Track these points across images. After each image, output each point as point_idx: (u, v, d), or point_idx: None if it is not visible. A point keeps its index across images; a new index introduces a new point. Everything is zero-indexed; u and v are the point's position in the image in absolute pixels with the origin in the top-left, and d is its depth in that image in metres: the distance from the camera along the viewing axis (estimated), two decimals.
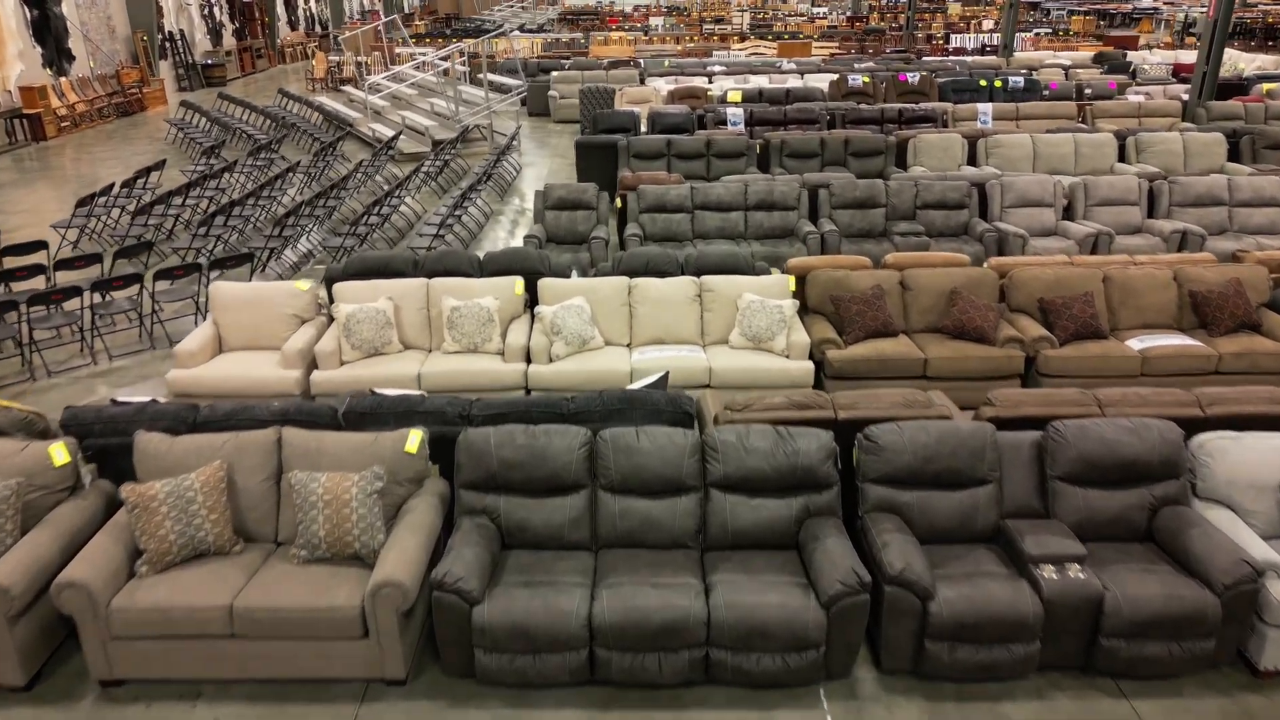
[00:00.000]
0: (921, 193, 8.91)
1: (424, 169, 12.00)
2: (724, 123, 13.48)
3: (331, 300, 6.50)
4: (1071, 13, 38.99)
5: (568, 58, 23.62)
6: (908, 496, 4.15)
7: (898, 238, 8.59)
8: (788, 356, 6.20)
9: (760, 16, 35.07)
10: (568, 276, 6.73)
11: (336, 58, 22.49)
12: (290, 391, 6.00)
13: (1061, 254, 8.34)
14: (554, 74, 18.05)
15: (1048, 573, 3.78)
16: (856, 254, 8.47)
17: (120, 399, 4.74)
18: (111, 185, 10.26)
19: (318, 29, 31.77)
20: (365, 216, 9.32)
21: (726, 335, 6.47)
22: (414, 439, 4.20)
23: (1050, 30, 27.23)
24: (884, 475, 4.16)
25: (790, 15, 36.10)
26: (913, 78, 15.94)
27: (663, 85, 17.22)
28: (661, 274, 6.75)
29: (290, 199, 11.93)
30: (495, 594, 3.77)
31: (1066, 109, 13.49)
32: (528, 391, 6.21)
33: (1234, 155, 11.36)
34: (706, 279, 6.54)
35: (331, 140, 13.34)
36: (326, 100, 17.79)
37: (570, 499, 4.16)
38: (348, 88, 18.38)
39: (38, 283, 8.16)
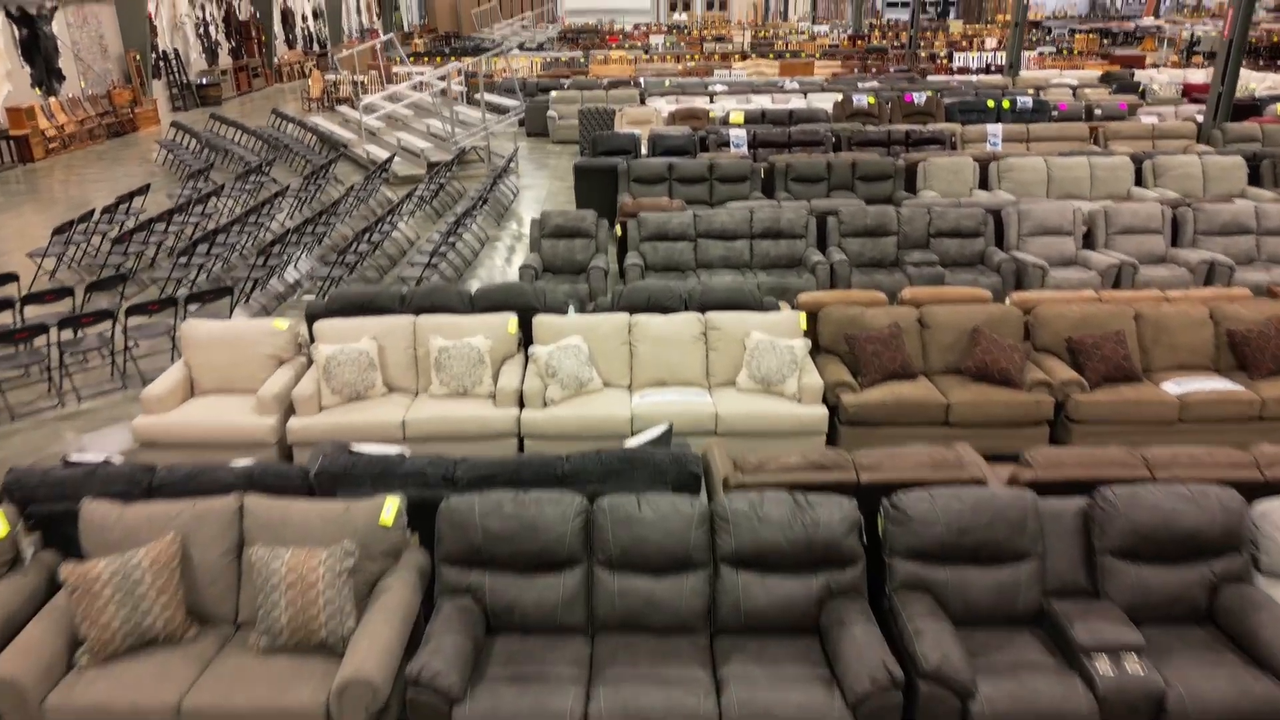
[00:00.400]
0: (935, 220, 8.52)
1: (418, 193, 11.64)
2: (727, 145, 13.13)
3: (312, 339, 6.09)
4: (1074, 31, 38.84)
5: (567, 77, 23.34)
6: (941, 573, 3.73)
7: (911, 268, 8.19)
8: (799, 401, 5.78)
9: (761, 35, 34.89)
10: (564, 313, 6.33)
11: (333, 77, 22.21)
12: (265, 440, 5.58)
13: (1083, 285, 7.95)
14: (553, 94, 17.73)
15: (1102, 666, 3.35)
16: (868, 284, 8.07)
17: (73, 459, 4.32)
18: (91, 211, 9.87)
19: (316, 48, 31.56)
20: (354, 244, 8.93)
21: (733, 376, 6.06)
22: (390, 509, 3.78)
23: (1055, 49, 26.97)
24: (913, 549, 3.74)
25: (791, 34, 35.93)
26: (919, 98, 15.61)
27: (663, 106, 16.90)
28: (664, 310, 6.34)
29: (279, 224, 11.55)
30: (479, 691, 3.34)
31: (1078, 130, 13.14)
32: (520, 440, 5.79)
33: (1254, 179, 10.99)
34: (711, 316, 6.14)
35: (324, 163, 12.98)
36: (321, 121, 17.47)
37: (563, 576, 3.73)
38: (343, 108, 18.06)
39: (5, 318, 7.76)
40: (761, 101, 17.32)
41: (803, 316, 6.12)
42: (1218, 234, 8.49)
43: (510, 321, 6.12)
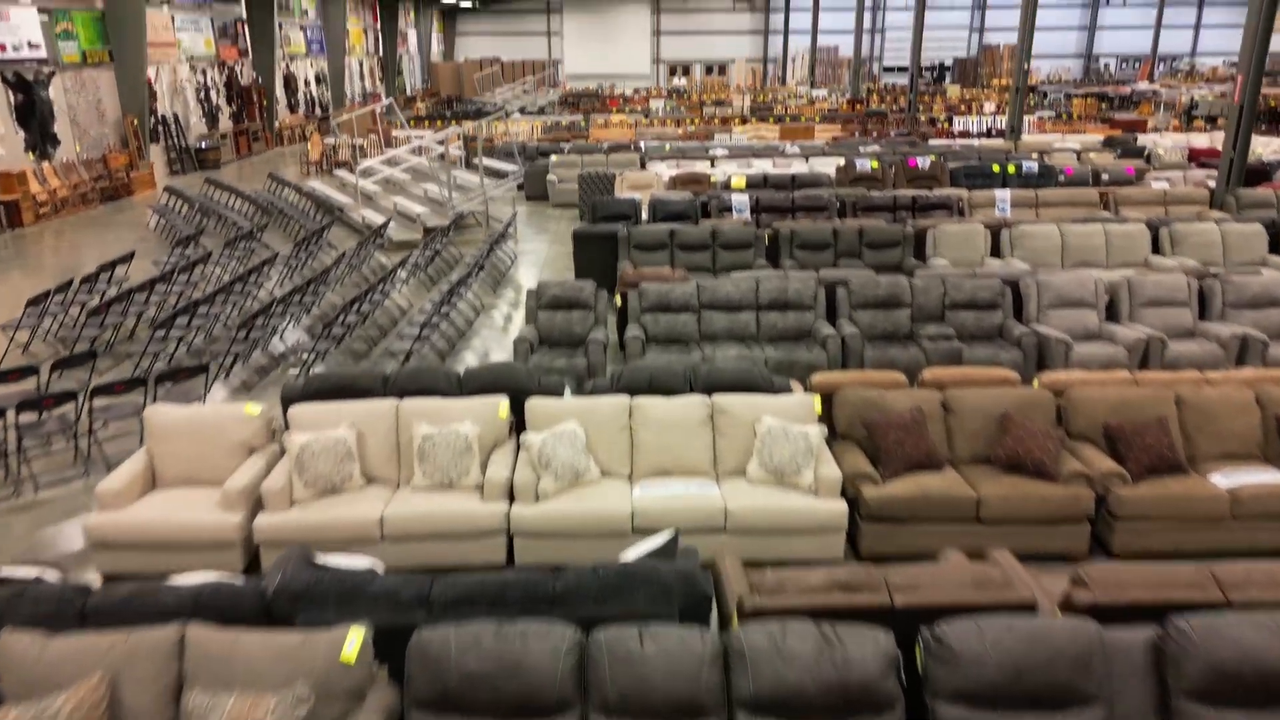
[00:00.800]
0: (950, 292, 8.12)
1: (413, 259, 11.29)
2: (729, 210, 12.84)
3: (287, 425, 5.62)
4: (1070, 96, 39.20)
5: (567, 140, 23.31)
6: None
7: (927, 342, 7.76)
8: (816, 494, 5.29)
9: (760, 99, 35.16)
10: (560, 395, 5.87)
11: (332, 141, 22.15)
12: (229, 540, 5.08)
13: (1110, 361, 7.52)
14: (553, 158, 17.57)
15: None
16: (882, 360, 7.64)
17: (2, 574, 3.83)
18: (70, 281, 9.50)
19: (318, 111, 31.75)
20: (343, 315, 8.52)
21: (743, 465, 5.58)
22: (353, 642, 3.28)
23: (1054, 114, 27.05)
24: (960, 691, 3.22)
25: (790, 98, 36.22)
26: (923, 163, 15.40)
27: (664, 170, 16.71)
28: (667, 391, 5.88)
29: (268, 293, 11.18)
30: None
31: (1088, 196, 12.86)
32: (510, 538, 5.29)
33: (1273, 247, 10.65)
34: (719, 399, 5.68)
35: (317, 228, 12.68)
36: (319, 185, 17.27)
37: None
38: (341, 172, 17.89)
39: None
40: (763, 165, 17.14)
41: (817, 400, 5.66)
42: (1247, 307, 8.08)
43: (501, 405, 5.67)
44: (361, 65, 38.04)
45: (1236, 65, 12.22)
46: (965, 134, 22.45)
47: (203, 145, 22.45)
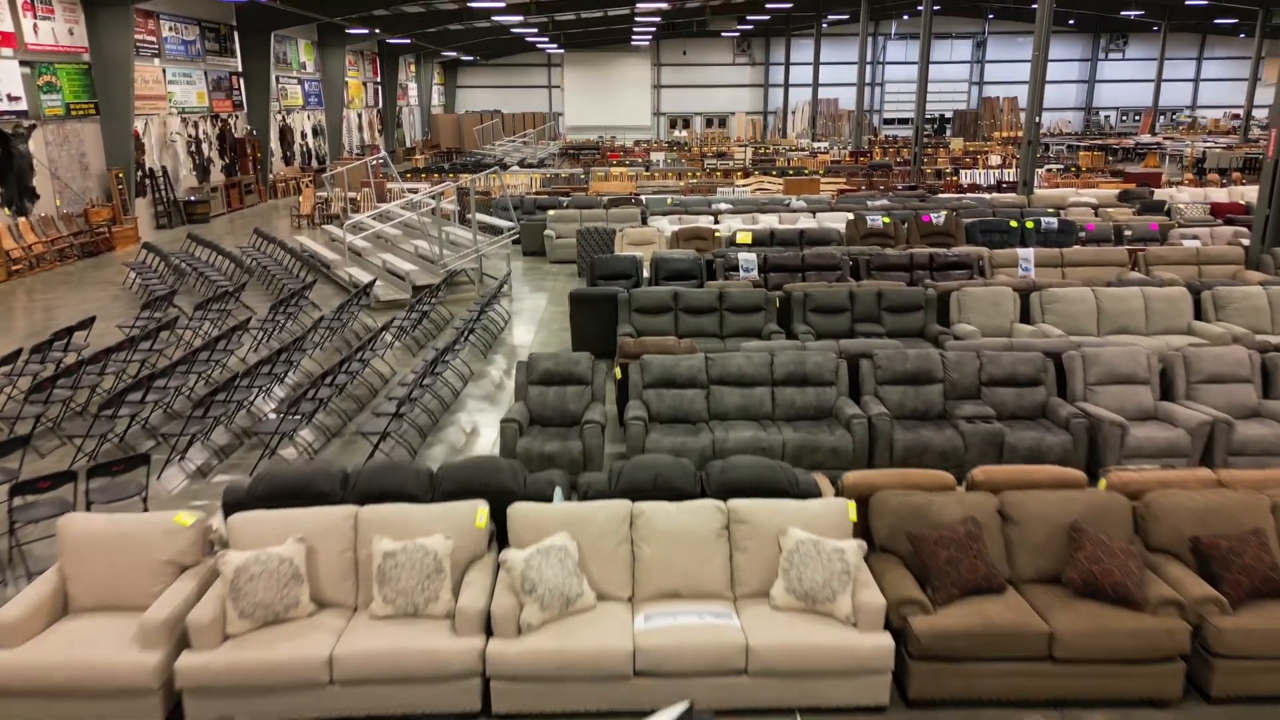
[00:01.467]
0: (986, 366, 7.31)
1: (399, 321, 10.51)
2: (735, 269, 12.11)
3: (227, 538, 4.76)
4: (1075, 148, 38.93)
5: (566, 194, 22.75)
6: None
7: (964, 423, 6.93)
8: (854, 625, 4.42)
9: (762, 151, 34.83)
10: (549, 498, 5.02)
11: (325, 194, 21.59)
12: (145, 686, 4.19)
13: (1171, 448, 6.68)
14: (550, 213, 16.93)
15: None
16: (914, 443, 6.80)
17: None
18: (18, 351, 8.70)
19: (315, 164, 31.35)
20: (314, 389, 7.70)
21: (766, 586, 4.70)
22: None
23: (1062, 167, 26.58)
24: None
25: (791, 150, 35.92)
26: (937, 218, 14.74)
27: (666, 225, 16.04)
28: (674, 494, 5.03)
29: (241, 359, 10.38)
30: None
31: (1115, 255, 12.14)
32: (486, 681, 4.40)
33: None
34: (736, 505, 4.83)
35: (299, 288, 11.93)
36: (307, 240, 16.60)
37: None
38: (331, 226, 17.24)
39: None
40: (769, 221, 16.49)
41: (851, 507, 4.81)
42: None
43: (479, 513, 4.81)
44: (361, 117, 37.83)
45: (1239, 117, 11.58)
46: (974, 187, 21.88)
47: (191, 199, 21.86)
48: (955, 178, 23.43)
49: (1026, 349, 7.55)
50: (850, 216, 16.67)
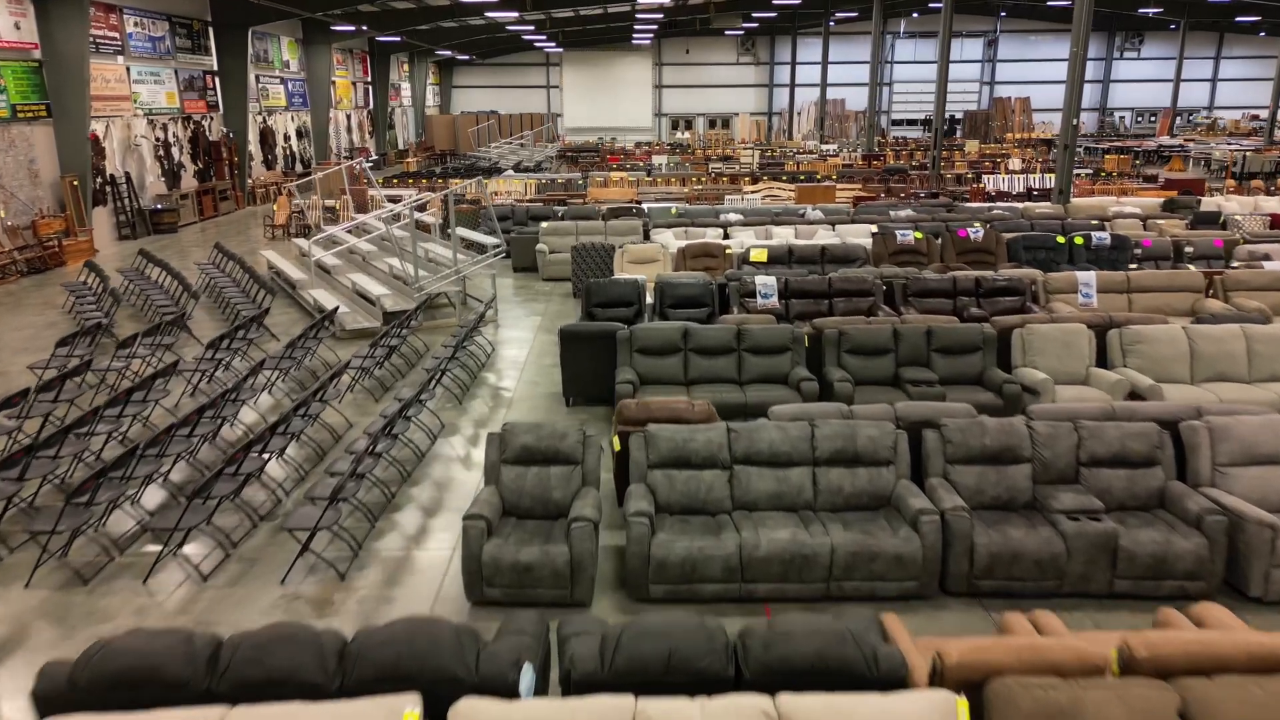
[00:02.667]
0: (1086, 441, 5.73)
1: (359, 363, 8.94)
2: (752, 294, 10.52)
3: None
4: (1090, 150, 37.33)
5: (563, 202, 21.18)
6: None
7: (1065, 521, 5.34)
8: None
9: (769, 154, 33.24)
10: (512, 687, 3.44)
11: (303, 202, 20.01)
12: None
13: None
14: (544, 225, 15.34)
15: None
16: (1001, 547, 5.22)
17: None
18: None
19: (299, 168, 29.77)
20: (237, 464, 6.12)
21: None
22: None
23: (1091, 172, 24.99)
24: None
25: (799, 153, 34.32)
26: (974, 233, 13.15)
27: (671, 240, 14.46)
28: (696, 679, 3.45)
29: (168, 410, 8.80)
30: None
31: (1189, 280, 10.54)
32: None
33: None
34: (791, 708, 3.24)
35: (253, 315, 10.36)
36: (274, 255, 15.02)
37: None
38: (301, 240, 15.66)
39: None
40: (784, 234, 14.91)
41: (962, 707, 3.22)
42: None
43: (408, 714, 3.23)
44: (350, 118, 36.25)
45: (1258, 118, 10.00)
46: (1003, 195, 20.29)
47: (158, 207, 20.28)
48: (980, 184, 21.85)
49: (1133, 416, 5.96)
50: (874, 229, 15.11)
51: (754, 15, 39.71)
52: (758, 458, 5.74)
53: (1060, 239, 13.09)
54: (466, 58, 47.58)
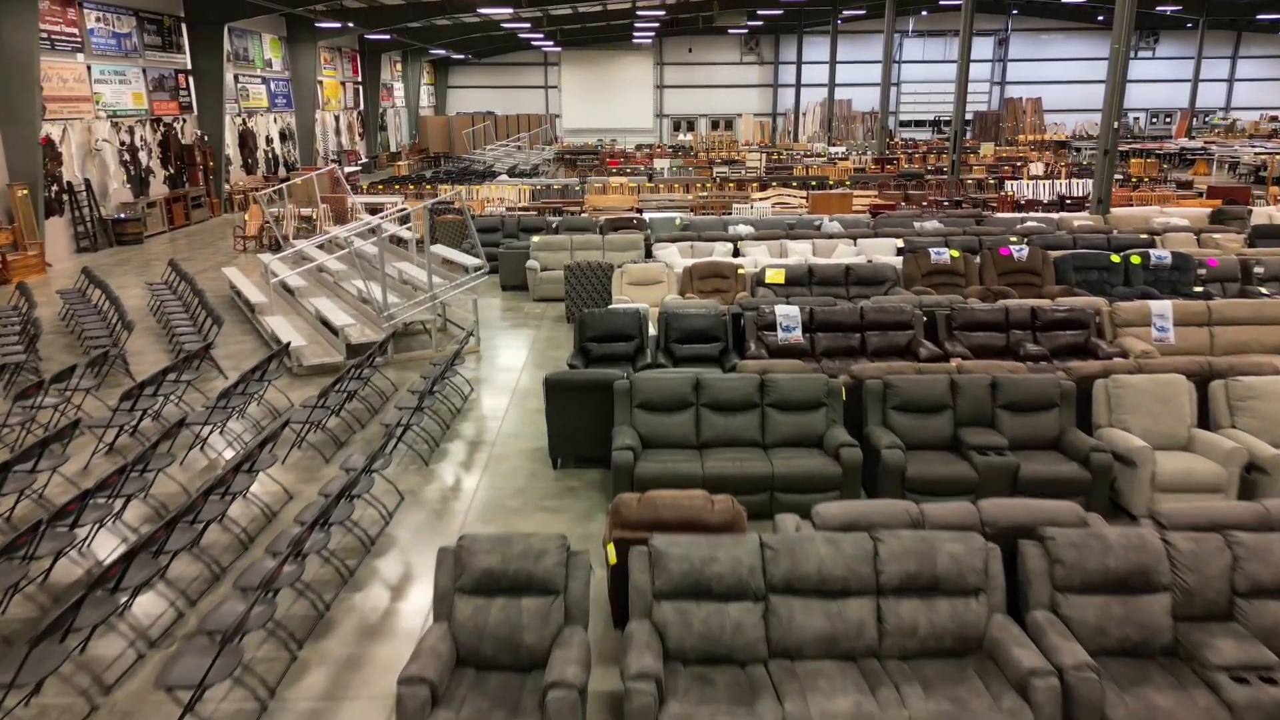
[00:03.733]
0: (1243, 564, 4.25)
1: (309, 412, 7.46)
2: (772, 328, 9.06)
3: None
4: (1108, 152, 35.80)
5: (558, 210, 19.72)
6: None
7: (1233, 687, 3.86)
8: None
9: (775, 157, 31.76)
10: None
11: (278, 211, 18.54)
12: None
13: None
14: (535, 239, 13.86)
15: None
16: (1141, 714, 3.73)
17: None
18: None
19: (283, 172, 28.27)
20: (122, 572, 4.65)
21: None
22: None
23: (1120, 178, 23.49)
24: None
25: (807, 156, 32.85)
26: (1019, 251, 11.67)
27: (676, 257, 13.00)
28: None
29: (78, 470, 7.33)
30: None
31: (1277, 309, 9.08)
32: None
33: None
34: None
35: (195, 350, 8.91)
36: (236, 274, 13.53)
37: None
38: (265, 255, 14.20)
39: None
40: (801, 250, 13.43)
41: None
42: None
43: None
44: (339, 120, 34.78)
45: (1277, 119, 8.52)
46: (1033, 204, 18.79)
47: (122, 216, 18.81)
48: (1009, 193, 20.35)
49: None
50: (898, 243, 13.65)
51: (759, 13, 38.22)
52: (803, 584, 4.27)
53: (1114, 257, 11.62)
54: (462, 57, 46.13)
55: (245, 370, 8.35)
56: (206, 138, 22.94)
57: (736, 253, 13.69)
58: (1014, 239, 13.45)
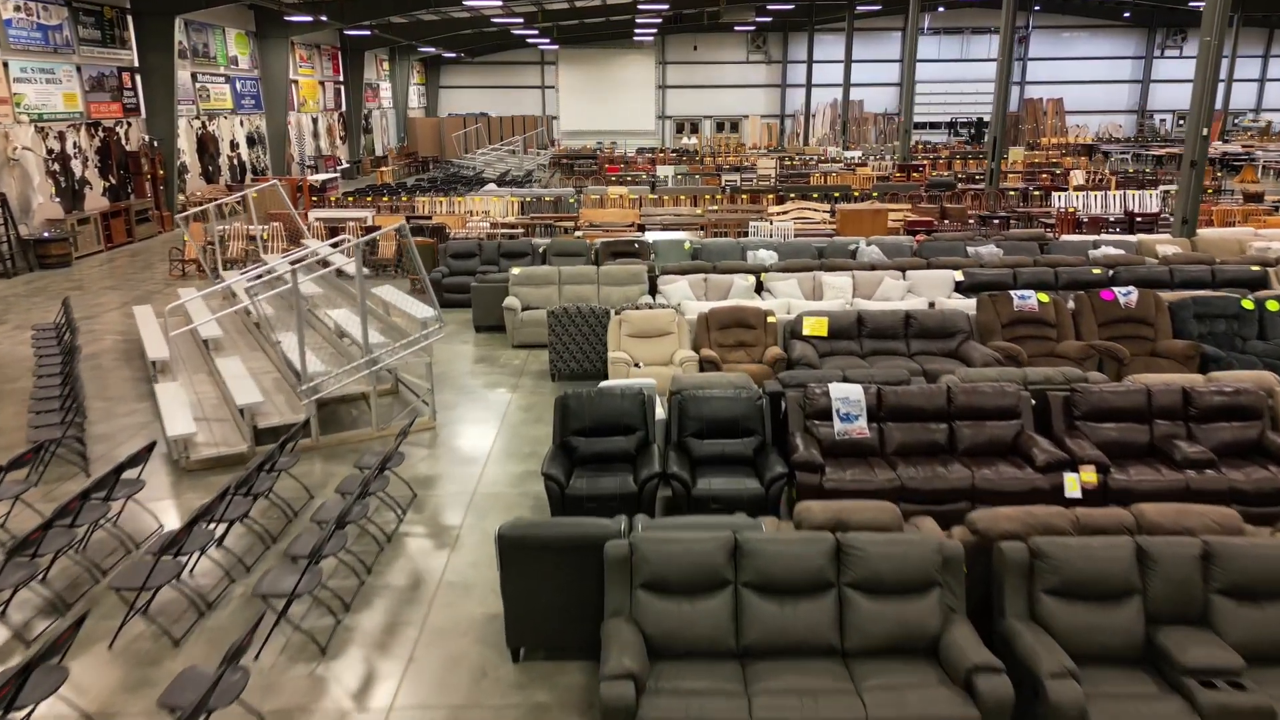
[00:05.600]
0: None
1: (157, 557, 4.98)
2: (825, 415, 6.59)
3: None
4: (1139, 156, 33.32)
5: (550, 227, 17.25)
6: None
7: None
8: None
9: (789, 163, 29.26)
10: None
11: (225, 228, 16.06)
12: None
13: None
14: (514, 272, 11.36)
15: None
16: None
17: None
18: None
19: (249, 178, 25.78)
20: None
21: None
22: None
23: (1173, 187, 20.93)
24: None
25: (821, 161, 30.35)
26: (1126, 296, 9.18)
27: (686, 293, 10.53)
28: None
29: None
30: None
31: None
32: None
33: None
34: None
35: (37, 445, 6.43)
36: (146, 317, 11.02)
37: None
38: (188, 292, 11.69)
39: None
40: (839, 286, 10.93)
41: None
42: None
43: None
44: (317, 122, 32.29)
45: None
46: (1099, 222, 16.25)
47: (46, 235, 16.32)
48: (1042, 202, 17.80)
49: None
50: (955, 276, 11.16)
51: (769, 8, 35.71)
52: None
53: (1247, 303, 9.14)
54: (454, 55, 43.64)
55: (119, 464, 5.90)
56: (156, 143, 20.45)
57: (759, 287, 11.22)
58: (1096, 268, 10.97)
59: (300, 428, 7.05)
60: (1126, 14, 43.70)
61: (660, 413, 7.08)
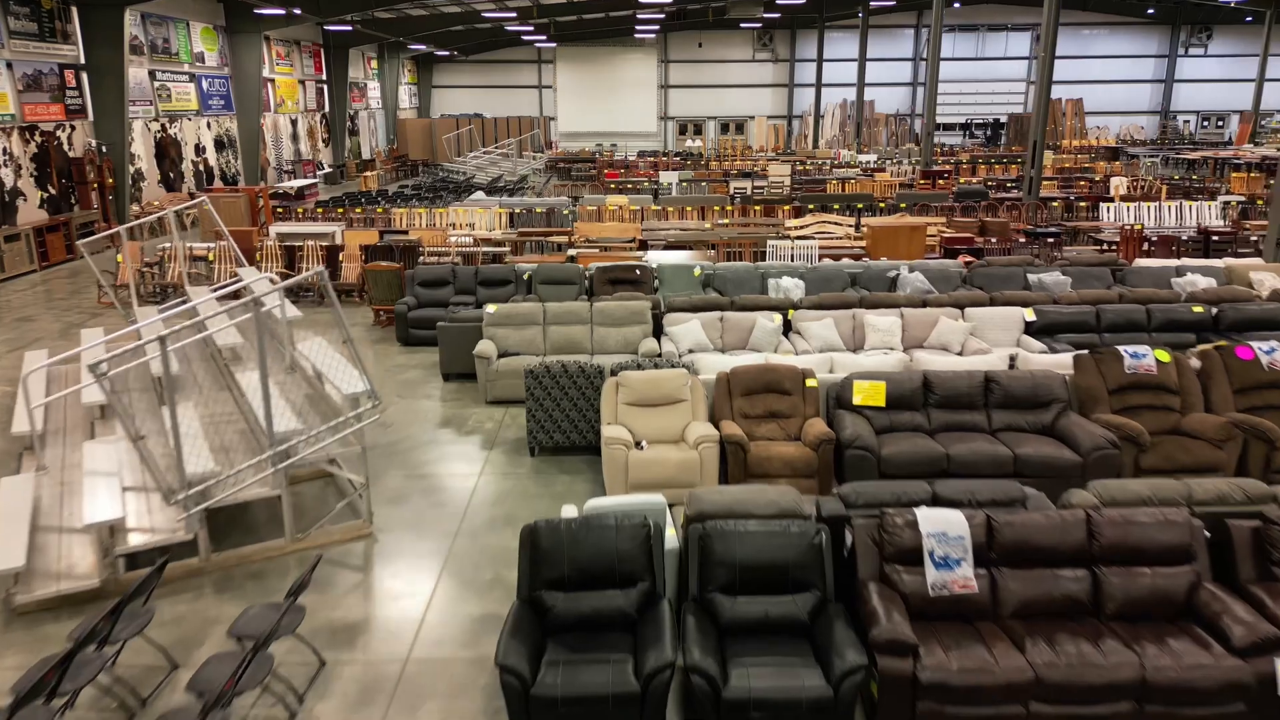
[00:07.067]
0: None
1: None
2: (912, 559, 4.52)
3: None
4: (1169, 160, 31.23)
5: (540, 242, 15.20)
6: None
7: None
8: None
9: (803, 169, 27.20)
10: None
11: (168, 246, 14.03)
12: None
13: None
14: (490, 310, 9.30)
15: None
16: None
17: None
18: None
19: (219, 185, 23.74)
20: None
21: None
22: None
23: (1234, 197, 18.86)
24: None
25: (837, 166, 28.28)
26: (1269, 354, 7.11)
27: (699, 337, 8.48)
28: None
29: None
30: None
31: None
32: None
33: None
34: None
35: None
36: (36, 361, 8.95)
37: None
38: (92, 336, 9.64)
39: None
40: (886, 329, 8.86)
41: None
42: None
43: None
44: (296, 124, 30.23)
45: None
46: (1170, 243, 14.15)
47: None
48: (1090, 215, 15.74)
49: None
50: (1026, 315, 9.12)
51: (777, 3, 33.75)
52: None
53: None
54: (447, 53, 41.59)
55: None
56: (104, 148, 18.39)
57: (787, 328, 9.19)
58: (1197, 305, 8.91)
59: (161, 565, 5.01)
60: (1150, 10, 41.62)
61: (670, 537, 5.03)
